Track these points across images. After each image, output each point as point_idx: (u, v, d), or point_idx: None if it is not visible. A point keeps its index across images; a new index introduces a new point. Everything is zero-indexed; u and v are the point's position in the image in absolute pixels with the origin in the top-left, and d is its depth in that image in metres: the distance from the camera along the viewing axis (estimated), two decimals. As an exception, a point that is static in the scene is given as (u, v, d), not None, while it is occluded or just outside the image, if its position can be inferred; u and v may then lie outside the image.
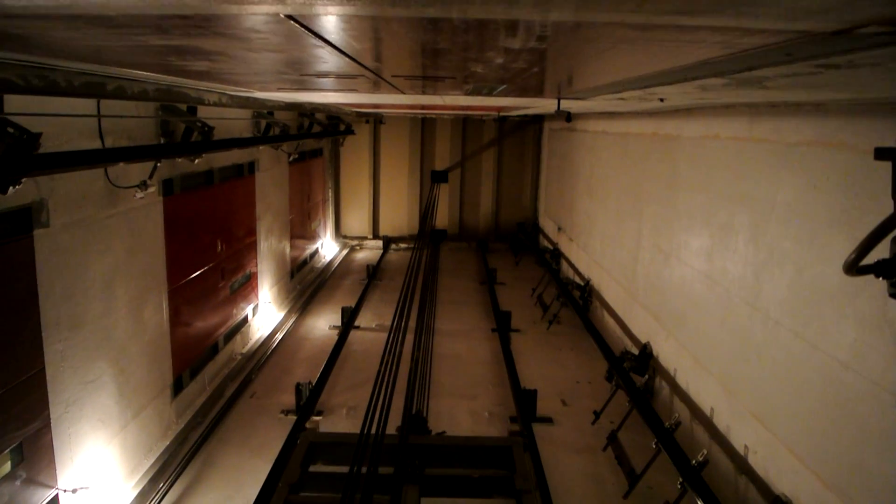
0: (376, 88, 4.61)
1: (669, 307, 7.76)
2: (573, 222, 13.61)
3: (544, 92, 4.78)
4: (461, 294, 14.32)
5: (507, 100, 5.25)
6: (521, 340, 11.22)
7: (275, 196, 12.47)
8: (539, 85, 4.42)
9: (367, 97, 6.49)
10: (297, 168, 14.37)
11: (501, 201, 19.79)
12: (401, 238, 19.61)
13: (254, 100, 8.00)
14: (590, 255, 12.06)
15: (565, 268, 14.48)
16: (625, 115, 9.71)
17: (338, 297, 13.85)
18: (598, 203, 11.43)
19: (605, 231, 10.93)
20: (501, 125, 19.23)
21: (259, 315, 11.44)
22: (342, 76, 3.52)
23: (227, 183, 9.86)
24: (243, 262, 10.63)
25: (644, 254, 8.70)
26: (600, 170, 11.35)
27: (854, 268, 2.43)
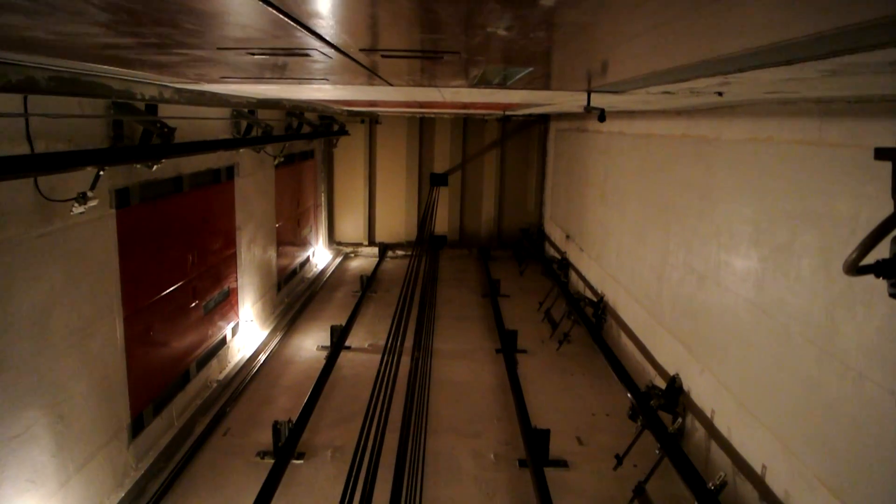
0: (363, 77, 3.57)
1: (704, 336, 6.69)
2: (584, 231, 12.55)
3: (570, 83, 3.72)
4: (462, 308, 13.25)
5: (522, 94, 4.20)
6: (528, 363, 10.16)
7: (259, 203, 11.41)
8: (564, 73, 3.38)
9: (353, 92, 5.44)
10: (285, 172, 13.31)
11: (504, 206, 18.73)
12: (398, 245, 18.55)
13: (224, 96, 6.94)
14: (604, 269, 11.00)
15: (574, 279, 13.42)
16: (647, 114, 8.65)
17: (329, 312, 12.78)
18: (614, 212, 10.37)
19: (623, 243, 9.87)
20: (504, 125, 18.17)
21: (239, 335, 10.38)
22: (315, 59, 2.51)
23: (201, 190, 8.79)
24: (220, 277, 9.57)
25: (672, 272, 7.64)
26: (616, 175, 10.29)
27: (854, 268, 2.42)
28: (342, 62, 2.38)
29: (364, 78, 3.32)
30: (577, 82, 3.70)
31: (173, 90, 5.18)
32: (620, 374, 8.66)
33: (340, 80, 3.40)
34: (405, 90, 4.44)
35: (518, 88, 3.59)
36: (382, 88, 4.23)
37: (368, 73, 2.95)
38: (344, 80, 3.42)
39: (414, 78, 3.30)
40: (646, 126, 8.75)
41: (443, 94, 4.88)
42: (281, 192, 12.92)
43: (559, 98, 4.60)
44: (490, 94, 4.28)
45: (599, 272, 11.28)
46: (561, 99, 4.76)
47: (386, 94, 5.14)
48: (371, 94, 5.33)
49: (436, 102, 6.92)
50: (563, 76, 3.50)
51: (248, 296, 10.84)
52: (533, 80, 3.26)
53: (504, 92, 4.07)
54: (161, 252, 7.54)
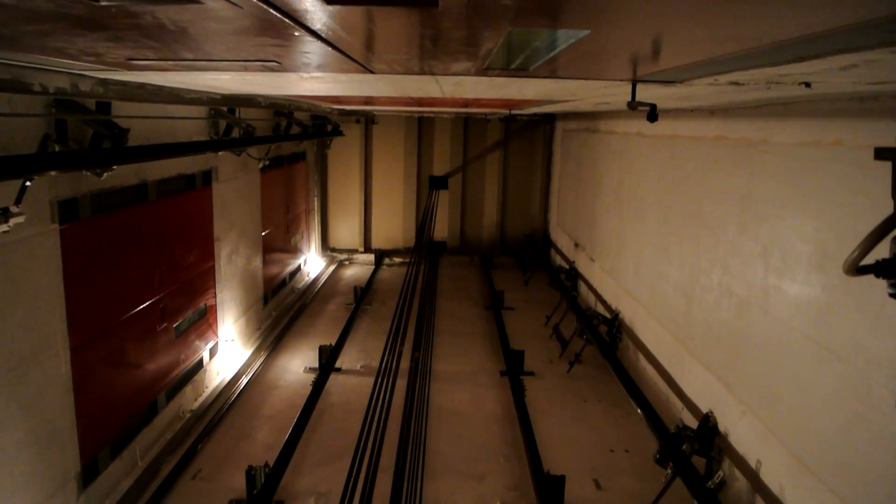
0: (349, 64, 2.68)
1: (746, 372, 5.74)
2: (595, 240, 11.59)
3: (611, 69, 2.77)
4: (463, 323, 12.30)
5: (544, 85, 3.25)
6: (537, 388, 9.21)
7: (242, 209, 10.46)
8: (603, 54, 2.44)
9: (343, 86, 4.49)
10: (273, 175, 12.36)
11: (507, 210, 17.78)
12: (395, 251, 17.60)
13: (194, 93, 5.98)
14: (619, 283, 10.05)
15: (584, 291, 12.46)
16: (670, 113, 7.70)
17: (319, 327, 11.83)
18: (631, 221, 9.42)
19: (642, 257, 8.92)
20: (508, 125, 17.22)
21: (219, 357, 9.43)
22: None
23: (171, 198, 7.85)
24: (195, 294, 8.62)
25: (704, 294, 6.69)
26: (633, 180, 9.34)
27: (854, 268, 2.39)
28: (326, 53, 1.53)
29: (350, 63, 2.42)
30: (619, 69, 2.76)
31: (152, 86, 4.23)
32: (641, 403, 7.71)
33: (322, 64, 2.50)
34: (397, 81, 3.50)
35: (542, 76, 2.67)
36: (371, 79, 3.29)
37: (357, 56, 2.08)
38: (335, 66, 2.53)
39: (417, 57, 2.37)
40: (670, 126, 7.80)
41: (442, 86, 3.94)
42: (268, 198, 11.97)
43: (590, 91, 3.66)
44: (502, 85, 3.34)
45: (613, 286, 10.33)
46: (592, 92, 3.81)
47: (376, 87, 4.20)
48: (360, 87, 4.38)
49: (435, 99, 5.98)
50: (605, 59, 2.55)
51: (230, 312, 9.90)
52: (555, 68, 2.36)
53: (520, 83, 3.14)
54: (120, 270, 6.59)
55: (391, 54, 2.27)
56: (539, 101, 5.56)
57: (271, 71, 2.81)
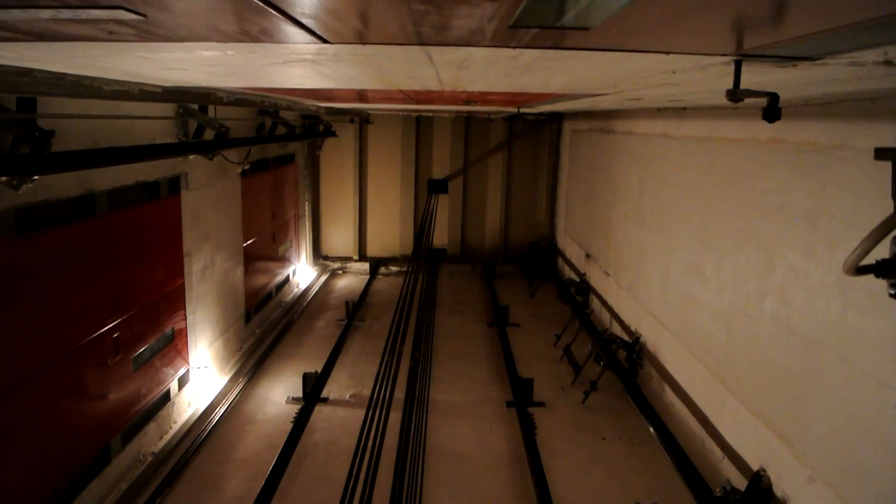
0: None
1: (817, 429, 4.68)
2: (610, 252, 10.52)
3: (702, 37, 1.70)
4: (464, 341, 11.23)
5: (591, 63, 2.17)
6: (548, 422, 8.15)
7: (218, 219, 9.40)
8: (700, 12, 1.39)
9: (326, 76, 3.44)
10: (256, 180, 11.30)
11: (511, 216, 16.71)
12: (392, 259, 16.53)
13: (151, 87, 4.91)
14: (639, 302, 8.98)
15: (597, 307, 11.39)
16: (705, 113, 6.64)
17: (306, 348, 10.77)
18: (655, 233, 8.35)
19: (669, 275, 7.85)
20: (512, 125, 16.15)
21: (190, 386, 8.37)
22: None
23: (127, 210, 6.79)
24: (160, 318, 7.56)
25: (753, 327, 5.62)
26: (657, 188, 8.27)
27: (854, 268, 2.36)
28: None
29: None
30: (718, 37, 1.69)
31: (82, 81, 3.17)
32: (670, 444, 6.67)
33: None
34: (368, 59, 2.43)
35: (599, 47, 1.65)
36: (330, 53, 2.20)
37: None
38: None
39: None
40: (704, 127, 6.74)
41: (438, 69, 2.87)
42: (250, 205, 10.91)
43: (650, 76, 2.58)
44: (525, 68, 2.28)
45: (633, 306, 9.26)
46: (652, 79, 2.73)
47: (339, 71, 3.09)
48: (316, 74, 3.30)
49: (433, 94, 4.93)
50: (698, 22, 1.48)
51: (204, 335, 8.83)
52: (635, 28, 1.36)
53: (555, 62, 2.09)
54: (56, 299, 5.53)
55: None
56: (562, 96, 4.49)
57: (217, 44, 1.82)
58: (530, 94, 4.48)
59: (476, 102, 6.62)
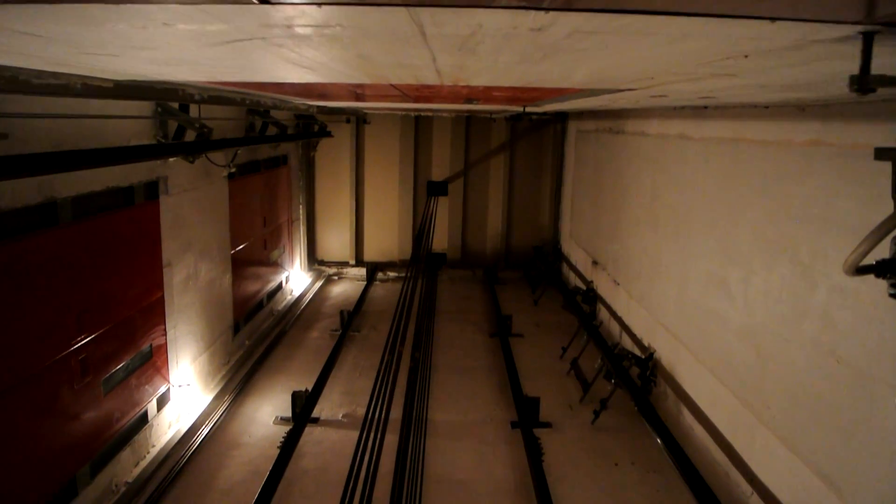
0: None
1: (872, 476, 4.08)
2: (620, 260, 9.93)
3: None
4: (465, 354, 10.64)
5: (647, 43, 1.58)
6: (555, 445, 7.57)
7: (202, 225, 8.81)
8: None
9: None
10: (245, 183, 10.71)
11: (514, 219, 16.12)
12: (390, 264, 15.94)
13: (123, 84, 4.32)
14: (652, 315, 8.39)
15: (606, 318, 10.80)
16: (729, 112, 6.06)
17: (297, 361, 10.18)
18: (670, 242, 7.76)
19: (687, 287, 7.27)
20: (515, 125, 15.56)
21: (171, 406, 7.79)
22: None
23: (97, 219, 6.20)
24: (136, 334, 6.98)
25: (791, 351, 5.03)
26: (674, 193, 7.68)
27: (854, 268, 2.36)
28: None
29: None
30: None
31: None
32: (689, 474, 6.09)
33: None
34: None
35: (673, 10, 1.10)
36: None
37: None
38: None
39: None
40: (729, 128, 6.15)
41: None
42: (239, 209, 10.32)
43: (708, 63, 1.95)
44: (550, 51, 1.72)
45: (645, 318, 8.67)
46: (708, 67, 2.09)
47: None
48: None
49: (431, 89, 4.34)
50: None
51: (186, 350, 8.25)
52: None
53: (588, 46, 1.52)
54: (4, 322, 4.94)
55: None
56: (579, 92, 3.89)
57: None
58: (543, 91, 3.89)
59: (478, 100, 6.03)
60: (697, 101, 5.00)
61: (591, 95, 4.23)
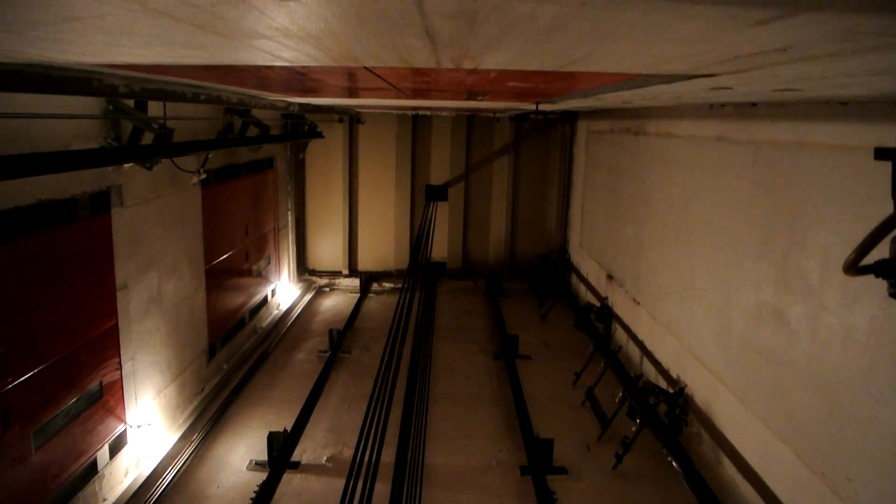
0: None
1: None
2: (642, 277, 8.86)
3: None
4: (467, 380, 9.57)
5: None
6: (574, 497, 6.52)
7: (169, 239, 7.75)
8: None
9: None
10: (223, 190, 9.65)
11: (518, 226, 15.07)
12: (385, 274, 14.88)
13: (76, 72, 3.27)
14: (682, 343, 7.34)
15: (623, 339, 9.73)
16: (790, 111, 5.00)
17: (279, 390, 9.11)
18: (707, 261, 6.70)
19: (729, 316, 6.20)
20: (520, 125, 14.51)
21: (127, 451, 6.73)
22: None
23: (21, 240, 5.14)
24: (81, 372, 5.93)
25: (886, 413, 3.96)
26: (711, 205, 6.61)
27: (854, 268, 2.33)
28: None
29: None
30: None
31: None
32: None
33: None
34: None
35: None
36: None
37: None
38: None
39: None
40: (789, 129, 5.09)
41: (430, 25, 1.28)
42: (215, 218, 9.27)
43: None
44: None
45: (673, 346, 7.61)
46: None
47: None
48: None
49: (427, 75, 3.30)
50: None
51: (148, 383, 7.19)
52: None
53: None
54: None
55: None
56: (628, 80, 2.87)
57: None
58: (575, 78, 2.86)
59: (484, 95, 4.97)
60: (772, 95, 3.94)
61: (640, 86, 3.18)
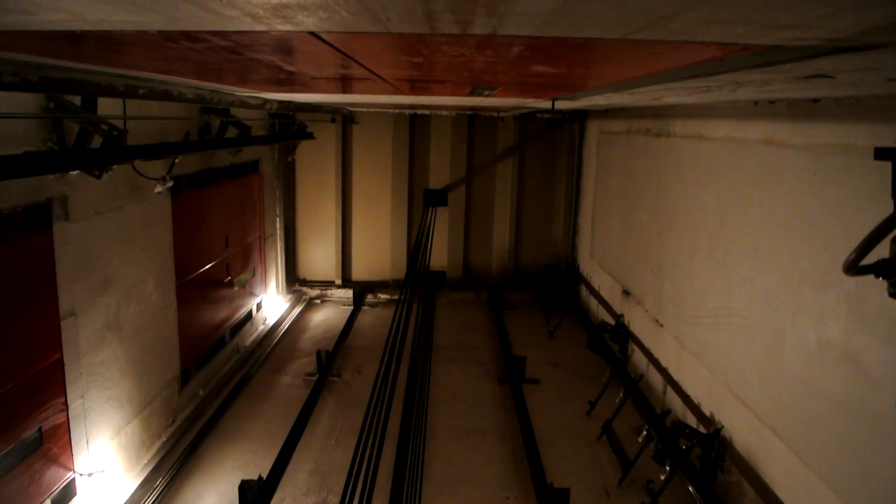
0: None
1: None
2: (666, 296, 7.92)
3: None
4: (469, 410, 8.63)
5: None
6: (594, 561, 5.58)
7: (130, 256, 6.82)
8: None
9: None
10: (198, 197, 8.72)
11: (523, 233, 14.13)
12: (381, 284, 13.95)
13: None
14: (717, 377, 6.40)
15: (640, 361, 8.79)
16: (871, 110, 4.06)
17: (260, 421, 8.16)
18: (751, 285, 5.75)
19: (781, 351, 5.26)
20: (525, 126, 13.58)
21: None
22: None
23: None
24: (14, 418, 5.00)
25: None
26: (753, 219, 5.67)
27: (854, 268, 2.32)
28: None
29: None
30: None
31: None
32: None
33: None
34: None
35: None
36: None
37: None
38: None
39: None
40: (865, 134, 4.15)
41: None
42: (189, 230, 8.33)
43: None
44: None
45: (705, 379, 6.66)
46: None
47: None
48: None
49: (427, 66, 2.37)
50: None
51: (103, 423, 6.25)
52: None
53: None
54: None
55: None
56: (722, 55, 2.03)
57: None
58: (622, 59, 1.99)
59: (493, 89, 4.03)
60: (884, 86, 3.00)
61: (715, 71, 2.25)
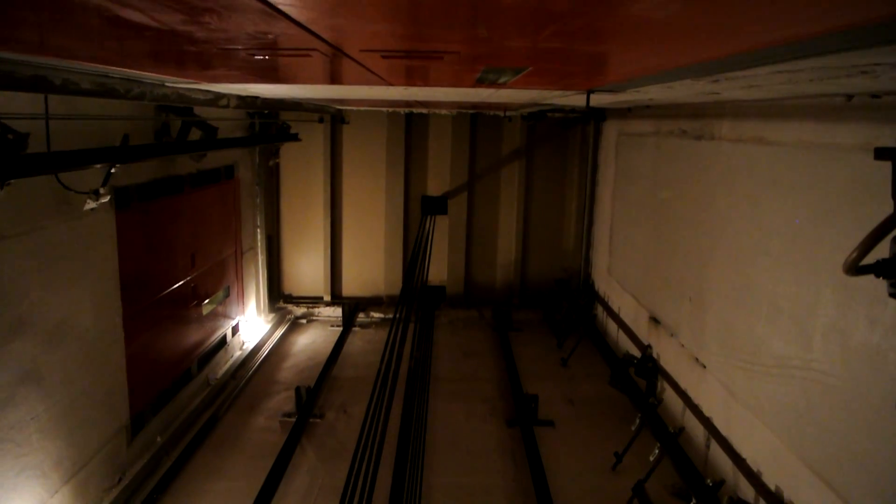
0: None
1: None
2: (709, 332, 6.62)
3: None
4: (474, 463, 7.33)
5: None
6: None
7: (54, 288, 5.52)
8: None
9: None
10: (154, 210, 7.42)
11: (531, 244, 12.83)
12: (374, 301, 12.66)
13: None
14: (783, 440, 5.10)
15: (675, 405, 7.48)
16: None
17: (225, 480, 6.86)
18: (840, 335, 4.45)
19: (880, 411, 3.96)
20: (533, 126, 12.29)
21: None
22: None
23: None
24: None
25: None
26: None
27: (854, 268, 2.34)
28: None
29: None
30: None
31: None
32: None
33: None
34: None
35: None
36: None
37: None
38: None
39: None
40: None
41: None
42: (140, 250, 7.05)
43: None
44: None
45: (768, 441, 5.36)
46: None
47: None
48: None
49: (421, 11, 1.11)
50: None
51: (14, 501, 4.96)
52: None
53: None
54: None
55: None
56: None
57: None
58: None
59: (517, 71, 2.77)
60: None
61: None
